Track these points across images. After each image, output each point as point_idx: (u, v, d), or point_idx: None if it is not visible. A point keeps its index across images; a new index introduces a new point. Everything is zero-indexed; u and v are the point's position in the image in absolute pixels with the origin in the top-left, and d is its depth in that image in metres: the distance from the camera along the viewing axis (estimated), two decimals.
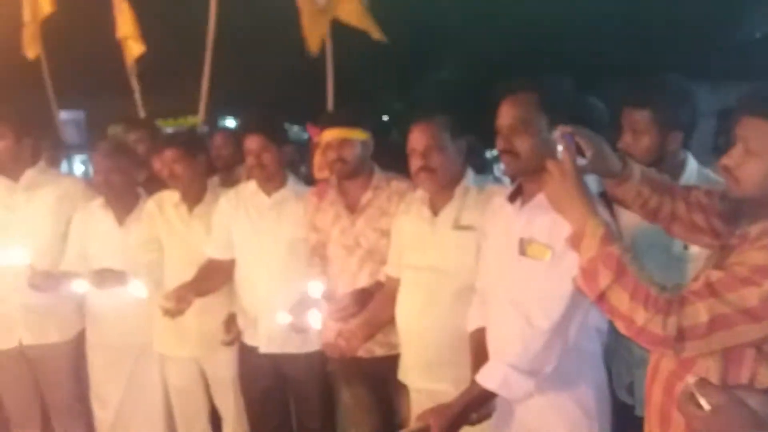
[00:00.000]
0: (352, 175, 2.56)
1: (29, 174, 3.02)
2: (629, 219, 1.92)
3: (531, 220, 1.82)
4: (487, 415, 1.80)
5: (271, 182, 2.79)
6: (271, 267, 2.75)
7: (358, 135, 2.55)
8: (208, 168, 3.08)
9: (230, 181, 3.51)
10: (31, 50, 4.58)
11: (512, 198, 1.91)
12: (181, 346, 2.90)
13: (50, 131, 4.50)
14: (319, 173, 2.70)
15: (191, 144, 2.94)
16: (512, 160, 1.81)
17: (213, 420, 3.07)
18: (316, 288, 2.45)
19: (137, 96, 4.42)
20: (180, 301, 2.53)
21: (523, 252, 1.79)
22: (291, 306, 2.41)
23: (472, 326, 2.01)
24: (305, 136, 5.03)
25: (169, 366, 2.98)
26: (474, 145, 2.93)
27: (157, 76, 4.44)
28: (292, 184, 2.85)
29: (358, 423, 2.67)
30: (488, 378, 1.74)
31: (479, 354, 1.90)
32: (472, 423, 1.77)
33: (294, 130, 7.20)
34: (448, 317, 2.14)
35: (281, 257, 2.75)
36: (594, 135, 1.65)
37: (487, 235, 2.00)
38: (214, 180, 3.47)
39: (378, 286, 2.49)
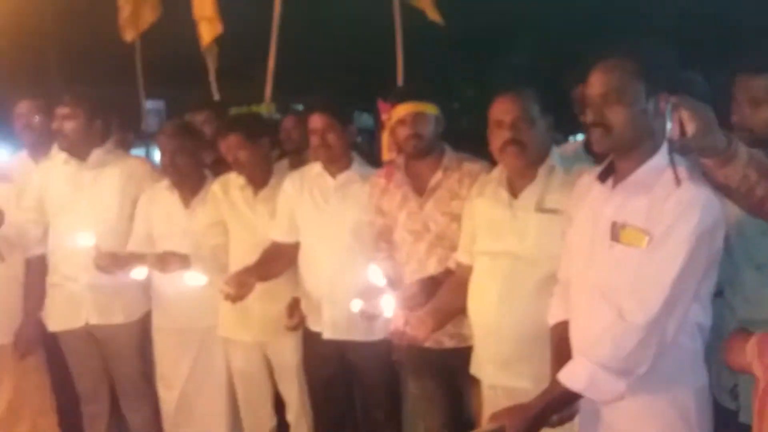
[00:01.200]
0: (425, 152, 2.41)
1: (96, 154, 3.02)
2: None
3: (625, 202, 1.63)
4: (569, 418, 1.63)
5: (335, 163, 2.69)
6: (335, 251, 2.64)
7: (432, 110, 2.41)
8: (278, 151, 3.01)
9: (299, 164, 3.43)
10: (129, 32, 4.59)
11: (603, 178, 1.72)
12: (245, 330, 2.84)
13: (137, 120, 4.55)
14: (388, 153, 2.58)
15: (253, 129, 2.86)
16: (603, 134, 1.62)
17: (277, 406, 3.01)
18: (383, 274, 2.32)
19: (212, 78, 4.37)
20: (241, 285, 2.46)
21: (615, 238, 1.60)
22: (360, 292, 2.29)
23: (553, 319, 1.84)
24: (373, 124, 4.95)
25: (233, 350, 2.93)
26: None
27: (234, 64, 4.36)
28: (358, 166, 2.73)
29: (426, 416, 2.54)
30: (573, 378, 1.57)
31: (561, 350, 1.72)
32: (552, 425, 1.61)
33: (363, 117, 7.10)
34: (528, 309, 1.97)
35: (346, 241, 2.65)
36: (701, 106, 1.44)
37: (573, 220, 1.82)
38: (283, 163, 3.41)
39: (448, 273, 2.35)
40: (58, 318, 3.00)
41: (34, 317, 3.02)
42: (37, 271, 3.02)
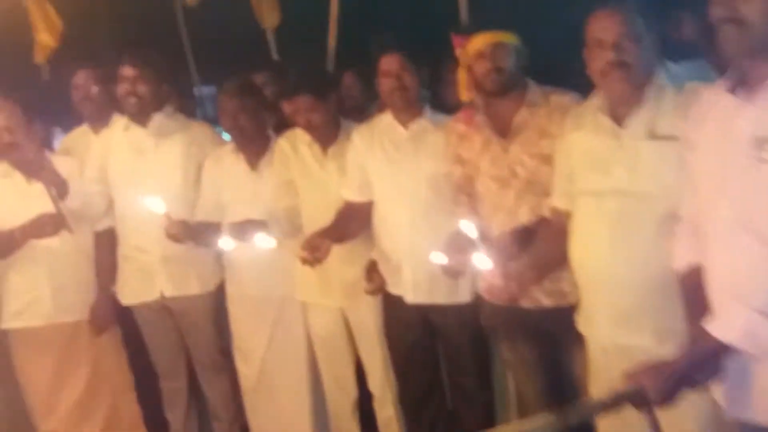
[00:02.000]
0: (507, 87, 2.14)
1: (157, 119, 2.89)
2: None
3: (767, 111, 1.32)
4: (715, 377, 1.36)
5: (408, 110, 2.45)
6: (412, 207, 2.42)
7: (511, 39, 2.13)
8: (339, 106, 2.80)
9: (363, 120, 3.22)
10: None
11: (733, 88, 1.41)
12: (324, 294, 2.68)
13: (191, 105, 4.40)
14: (466, 94, 2.31)
15: (322, 87, 2.66)
16: (737, 31, 1.31)
17: (359, 373, 2.85)
18: (468, 227, 2.08)
19: (270, 37, 4.15)
20: (317, 249, 2.27)
21: (760, 157, 1.30)
22: (442, 246, 2.07)
23: (681, 264, 1.55)
24: None
25: (312, 315, 2.77)
26: None
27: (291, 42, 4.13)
28: (430, 113, 2.49)
29: (521, 382, 2.31)
30: (725, 327, 1.29)
31: (696, 299, 1.45)
32: (697, 386, 1.34)
33: None
34: (647, 253, 1.69)
35: (423, 195, 2.42)
36: None
37: (695, 144, 1.51)
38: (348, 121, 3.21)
39: (542, 222, 2.08)
40: (131, 291, 2.92)
41: (108, 292, 2.94)
42: (106, 245, 2.94)
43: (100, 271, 2.94)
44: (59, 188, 2.70)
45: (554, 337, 2.18)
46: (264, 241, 2.11)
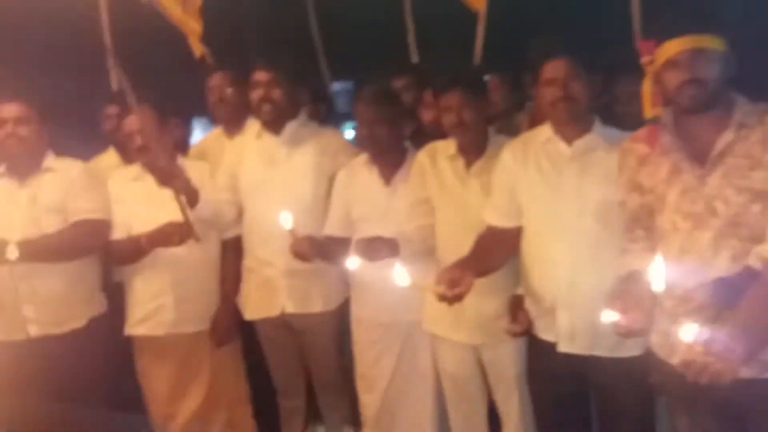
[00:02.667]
0: (708, 104, 1.73)
1: (291, 127, 2.72)
2: None
3: None
4: None
5: (574, 125, 2.09)
6: (573, 241, 2.07)
7: (716, 44, 1.72)
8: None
9: (509, 129, 2.89)
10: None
11: None
12: (457, 328, 2.38)
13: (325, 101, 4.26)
14: (651, 109, 1.92)
15: (477, 84, 2.39)
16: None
17: (491, 417, 2.53)
18: (645, 272, 1.69)
19: (411, 39, 3.88)
20: (456, 284, 1.97)
21: None
22: (613, 296, 1.71)
23: None
24: None
25: (442, 349, 2.49)
26: None
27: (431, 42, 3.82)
28: (600, 128, 2.12)
29: None
30: None
31: None
32: None
33: None
34: None
35: (587, 227, 2.05)
36: None
37: None
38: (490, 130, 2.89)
39: (749, 275, 1.65)
40: (254, 306, 2.77)
41: (231, 303, 2.82)
42: (233, 254, 2.81)
43: (224, 281, 2.82)
44: (189, 196, 2.59)
45: (748, 414, 1.76)
46: (399, 276, 1.83)
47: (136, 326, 2.73)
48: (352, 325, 2.67)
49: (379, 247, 2.25)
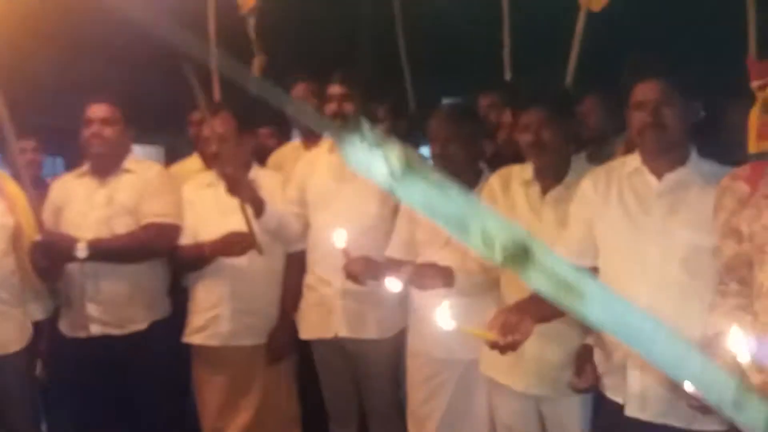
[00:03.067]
0: None
1: None
2: None
3: None
4: None
5: (665, 156, 1.81)
6: (654, 288, 1.77)
7: None
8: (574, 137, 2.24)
9: (601, 157, 2.61)
10: None
11: None
12: (515, 375, 2.14)
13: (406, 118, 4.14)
14: (757, 143, 1.61)
15: (559, 103, 2.16)
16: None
17: None
18: (738, 335, 1.39)
19: (506, 53, 3.67)
20: (511, 330, 1.74)
21: None
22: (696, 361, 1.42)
23: None
24: None
25: (498, 396, 2.25)
26: None
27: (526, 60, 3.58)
28: (697, 161, 1.82)
29: None
30: None
31: None
32: None
33: None
34: None
35: (672, 275, 1.76)
36: None
37: None
38: (580, 156, 2.62)
39: None
40: (309, 324, 2.67)
41: (289, 319, 2.73)
42: (296, 269, 2.73)
43: (285, 296, 2.74)
44: (255, 207, 2.54)
45: None
46: (442, 318, 1.63)
47: (194, 334, 2.71)
48: (407, 357, 2.49)
49: (432, 276, 2.07)
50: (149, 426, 2.66)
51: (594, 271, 1.93)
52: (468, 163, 2.39)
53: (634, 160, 1.90)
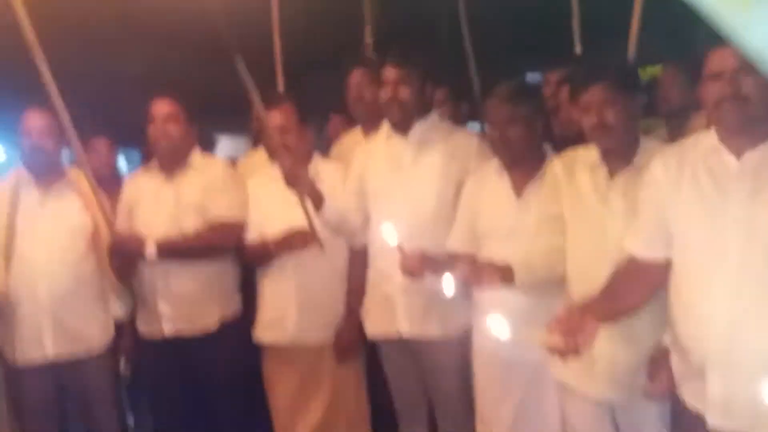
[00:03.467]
0: None
1: (419, 128, 2.48)
2: None
3: None
4: None
5: (745, 132, 1.57)
6: (735, 283, 1.54)
7: None
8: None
9: (679, 134, 2.36)
10: None
11: None
12: (587, 380, 1.96)
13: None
14: None
15: (624, 79, 1.95)
16: None
17: None
18: None
19: (576, 24, 3.37)
20: (576, 332, 1.58)
21: None
22: None
23: None
24: None
25: (570, 403, 2.07)
26: None
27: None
28: None
29: None
30: None
31: None
32: None
33: None
34: None
35: (756, 266, 1.52)
36: None
37: None
38: (655, 134, 2.38)
39: None
40: (374, 321, 2.58)
41: (356, 316, 2.66)
42: (360, 263, 2.63)
43: (351, 291, 2.67)
44: (314, 200, 2.50)
45: None
46: (498, 327, 1.49)
47: (263, 332, 2.71)
48: (473, 357, 2.36)
49: (489, 273, 1.93)
50: (225, 425, 2.71)
51: (668, 264, 1.73)
52: (530, 146, 2.22)
53: (709, 138, 1.66)
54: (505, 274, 1.95)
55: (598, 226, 1.94)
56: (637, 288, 1.76)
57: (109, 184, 2.92)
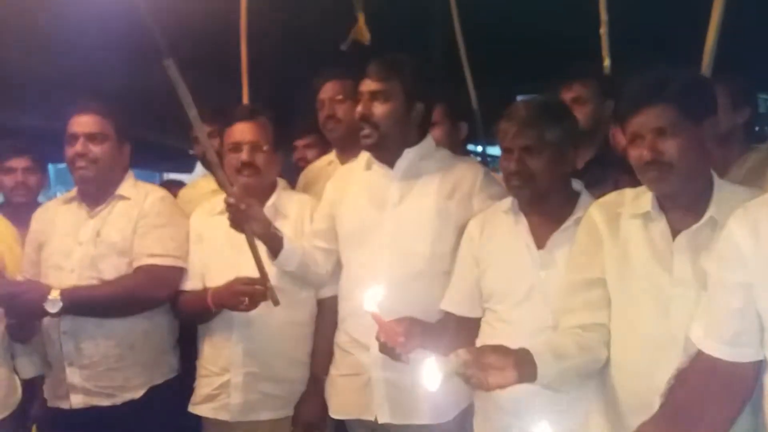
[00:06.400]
0: None
1: (408, 156, 1.94)
2: None
3: None
4: None
5: None
6: None
7: None
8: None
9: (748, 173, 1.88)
10: None
11: None
12: None
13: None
14: None
15: (695, 99, 1.43)
16: None
17: None
18: None
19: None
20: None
21: None
22: None
23: None
24: None
25: None
26: None
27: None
28: None
29: None
30: None
31: None
32: None
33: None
34: None
35: None
36: None
37: None
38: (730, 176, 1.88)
39: None
40: (341, 399, 2.02)
41: (322, 384, 2.11)
42: (329, 320, 2.10)
43: (317, 353, 2.13)
44: (270, 245, 1.95)
45: None
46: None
47: (200, 404, 2.14)
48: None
49: (499, 367, 1.36)
50: None
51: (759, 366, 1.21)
52: (556, 182, 1.71)
53: None
54: (522, 369, 1.38)
55: (655, 299, 1.42)
56: (720, 399, 1.23)
57: (27, 212, 2.36)
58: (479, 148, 3.57)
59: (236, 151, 2.08)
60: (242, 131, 2.08)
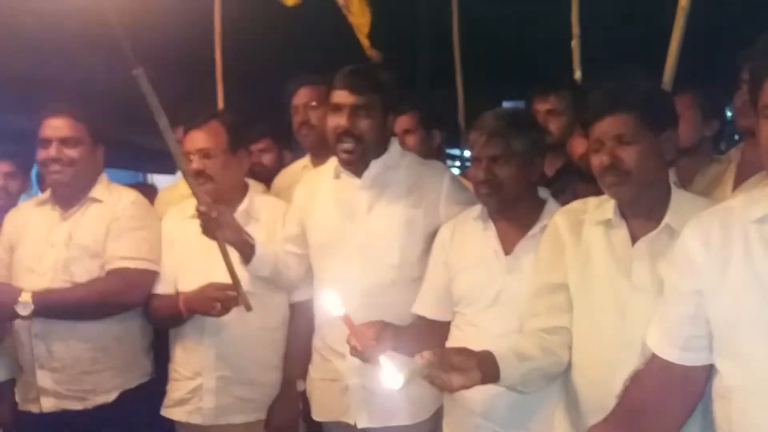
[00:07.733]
0: None
1: (375, 166, 1.97)
2: None
3: None
4: None
5: None
6: None
7: None
8: None
9: (703, 179, 1.95)
10: None
11: None
12: None
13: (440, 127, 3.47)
14: None
15: (654, 108, 1.49)
16: None
17: None
18: None
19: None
20: None
21: None
22: None
23: None
24: None
25: None
26: None
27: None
28: None
29: None
30: None
31: None
32: None
33: None
34: None
35: None
36: None
37: None
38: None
39: None
40: (320, 401, 2.05)
41: (295, 389, 2.14)
42: (303, 322, 2.12)
43: (290, 357, 2.15)
44: (242, 250, 1.96)
45: None
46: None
47: (172, 408, 2.15)
48: None
49: (463, 369, 1.39)
50: None
51: (708, 371, 1.26)
52: (524, 190, 1.75)
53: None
54: (485, 370, 1.42)
55: (613, 304, 1.47)
56: (671, 402, 1.28)
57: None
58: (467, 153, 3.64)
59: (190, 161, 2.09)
60: (192, 140, 2.08)
